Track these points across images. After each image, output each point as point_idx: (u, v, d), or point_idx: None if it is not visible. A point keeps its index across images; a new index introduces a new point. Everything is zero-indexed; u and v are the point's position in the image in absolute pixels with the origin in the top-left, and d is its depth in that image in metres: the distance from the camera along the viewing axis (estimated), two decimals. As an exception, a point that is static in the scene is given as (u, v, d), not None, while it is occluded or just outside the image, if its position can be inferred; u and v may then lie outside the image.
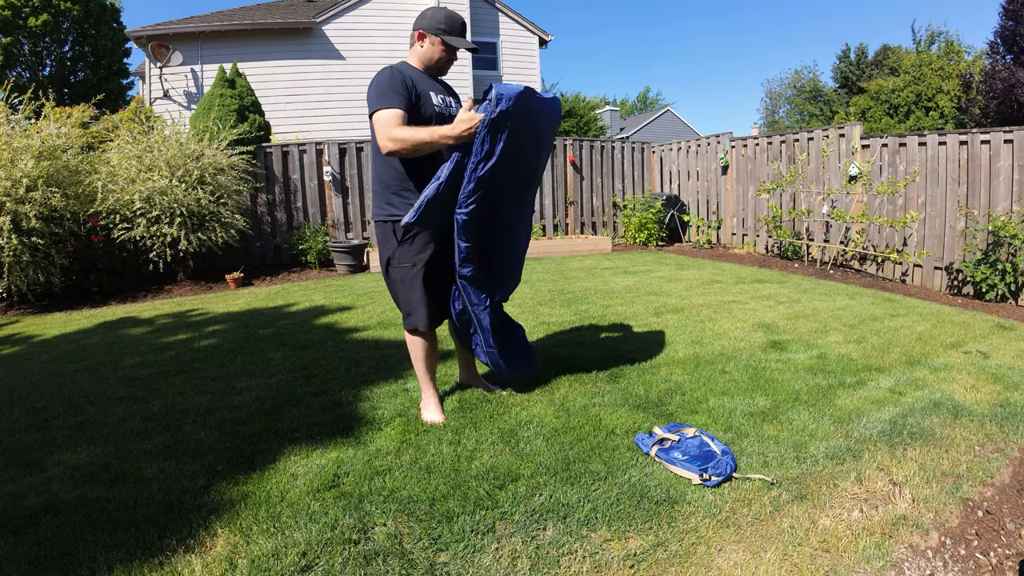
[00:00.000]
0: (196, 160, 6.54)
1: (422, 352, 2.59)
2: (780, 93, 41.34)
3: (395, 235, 2.47)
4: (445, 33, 2.45)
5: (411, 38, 2.52)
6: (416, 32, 2.47)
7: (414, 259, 2.48)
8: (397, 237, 2.47)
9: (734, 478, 2.07)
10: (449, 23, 2.46)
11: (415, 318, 2.52)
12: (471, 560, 1.67)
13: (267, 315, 4.92)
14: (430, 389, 2.64)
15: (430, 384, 2.64)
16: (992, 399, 2.78)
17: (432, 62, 2.49)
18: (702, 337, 3.80)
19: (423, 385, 2.64)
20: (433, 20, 2.45)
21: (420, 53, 2.49)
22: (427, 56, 2.48)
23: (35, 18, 17.03)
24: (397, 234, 2.47)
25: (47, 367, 3.67)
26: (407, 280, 2.49)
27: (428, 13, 2.49)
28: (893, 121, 28.04)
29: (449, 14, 2.48)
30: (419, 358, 2.60)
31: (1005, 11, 19.79)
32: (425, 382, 2.63)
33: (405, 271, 2.49)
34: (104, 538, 1.75)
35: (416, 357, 2.61)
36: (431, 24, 2.45)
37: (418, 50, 2.49)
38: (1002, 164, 5.34)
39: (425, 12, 2.50)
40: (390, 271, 2.54)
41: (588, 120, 24.88)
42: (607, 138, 10.10)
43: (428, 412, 2.60)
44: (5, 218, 5.43)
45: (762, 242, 8.08)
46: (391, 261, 2.52)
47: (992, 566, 1.69)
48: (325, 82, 12.84)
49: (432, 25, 2.44)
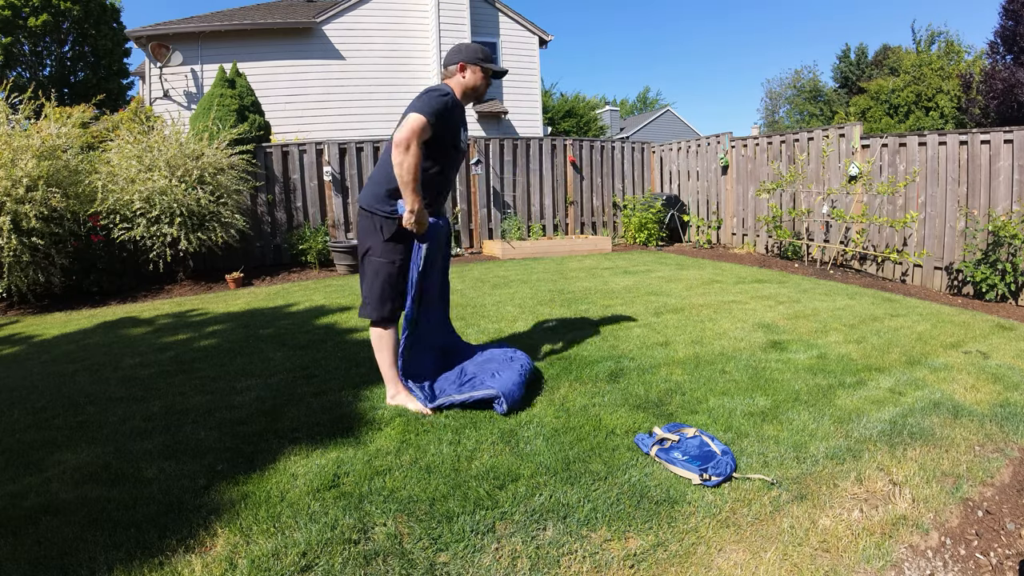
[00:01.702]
0: (196, 160, 6.54)
1: (390, 342, 2.72)
2: (780, 93, 41.37)
3: (381, 231, 2.62)
4: (484, 62, 2.70)
5: (448, 72, 2.71)
6: (457, 64, 2.68)
7: (394, 257, 2.65)
8: (383, 234, 2.62)
9: (734, 478, 2.07)
10: (485, 53, 2.73)
11: (381, 309, 2.68)
12: (471, 560, 1.67)
13: (267, 315, 4.92)
14: (400, 382, 2.73)
15: (398, 377, 2.73)
16: (992, 399, 2.78)
17: (474, 90, 2.72)
18: (702, 337, 3.80)
19: (394, 380, 2.73)
20: (472, 52, 2.69)
21: (463, 83, 2.69)
22: (470, 84, 2.70)
23: (35, 18, 17.04)
24: (384, 232, 2.62)
25: (47, 367, 3.67)
26: (381, 274, 2.66)
27: (463, 48, 2.71)
28: (893, 121, 28.05)
29: (482, 46, 2.76)
30: (388, 349, 2.72)
31: (1005, 11, 19.80)
32: (395, 376, 2.72)
33: (382, 265, 2.65)
34: (104, 538, 1.75)
35: (384, 348, 2.72)
36: (471, 56, 2.68)
37: (460, 80, 2.69)
38: (1002, 164, 5.34)
39: (459, 47, 2.73)
40: (367, 261, 2.69)
41: (588, 120, 24.87)
42: (607, 138, 10.11)
43: (415, 403, 2.68)
44: (5, 218, 5.43)
45: (762, 242, 8.08)
46: (370, 251, 2.67)
47: (992, 566, 1.69)
48: (325, 82, 12.84)
49: (472, 57, 2.68)
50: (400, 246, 2.63)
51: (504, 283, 5.94)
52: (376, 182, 2.65)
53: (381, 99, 12.57)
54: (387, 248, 2.63)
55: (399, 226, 2.59)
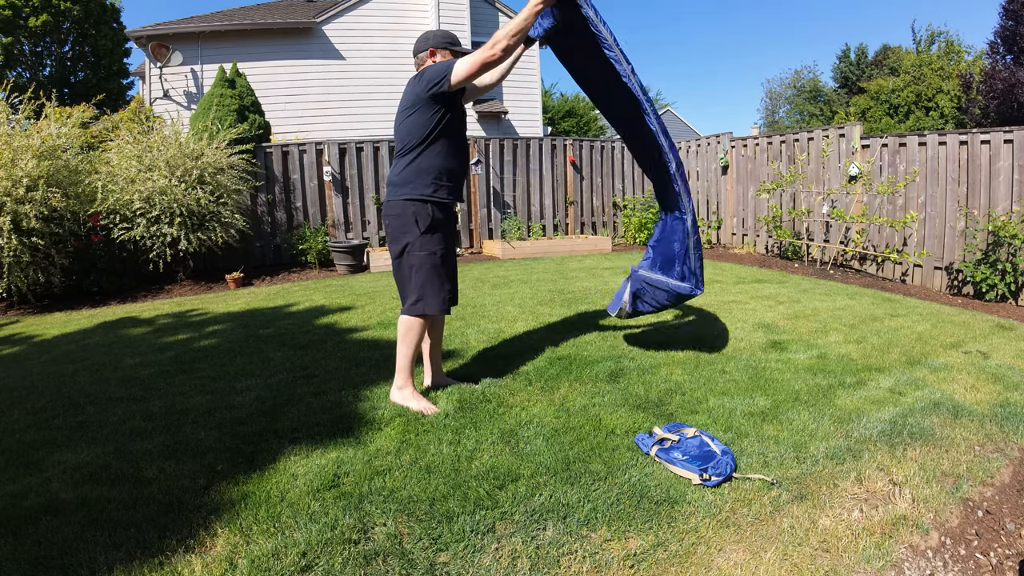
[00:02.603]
0: (196, 160, 6.54)
1: (418, 336, 2.70)
2: (780, 93, 41.34)
3: (416, 224, 2.60)
4: (453, 46, 2.75)
5: (419, 59, 2.75)
6: (427, 51, 2.72)
7: (434, 248, 2.65)
8: (419, 227, 2.60)
9: (734, 478, 2.07)
10: (453, 38, 2.78)
11: (430, 303, 2.65)
12: (471, 560, 1.67)
13: (267, 315, 4.92)
14: (411, 377, 2.73)
15: (411, 372, 2.73)
16: (992, 399, 2.78)
17: None
18: (702, 337, 3.80)
19: (407, 373, 2.71)
20: (440, 37, 2.74)
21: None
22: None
23: (35, 18, 17.04)
24: (420, 223, 2.60)
25: (47, 367, 3.67)
26: (425, 267, 2.63)
27: (430, 34, 2.76)
28: (893, 121, 28.04)
29: (448, 31, 2.80)
30: (413, 343, 2.69)
31: (1005, 11, 19.79)
32: (410, 369, 2.72)
33: (424, 258, 2.62)
34: (104, 538, 1.75)
35: (411, 342, 2.69)
36: (439, 41, 2.73)
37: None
38: (1002, 164, 5.34)
39: (427, 34, 2.81)
40: (406, 256, 2.65)
41: (588, 120, 24.87)
42: (607, 138, 10.09)
43: (419, 402, 2.68)
44: (5, 218, 5.43)
45: (762, 242, 8.08)
46: (409, 247, 2.64)
47: (992, 566, 1.69)
48: (325, 82, 12.84)
49: (441, 42, 2.73)
50: (438, 235, 2.64)
51: (504, 283, 5.94)
52: (398, 179, 2.66)
53: (381, 99, 12.56)
54: (425, 240, 2.62)
55: (434, 213, 2.62)
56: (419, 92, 2.59)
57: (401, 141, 2.69)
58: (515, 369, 3.22)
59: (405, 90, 2.70)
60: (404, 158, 2.67)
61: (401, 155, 2.69)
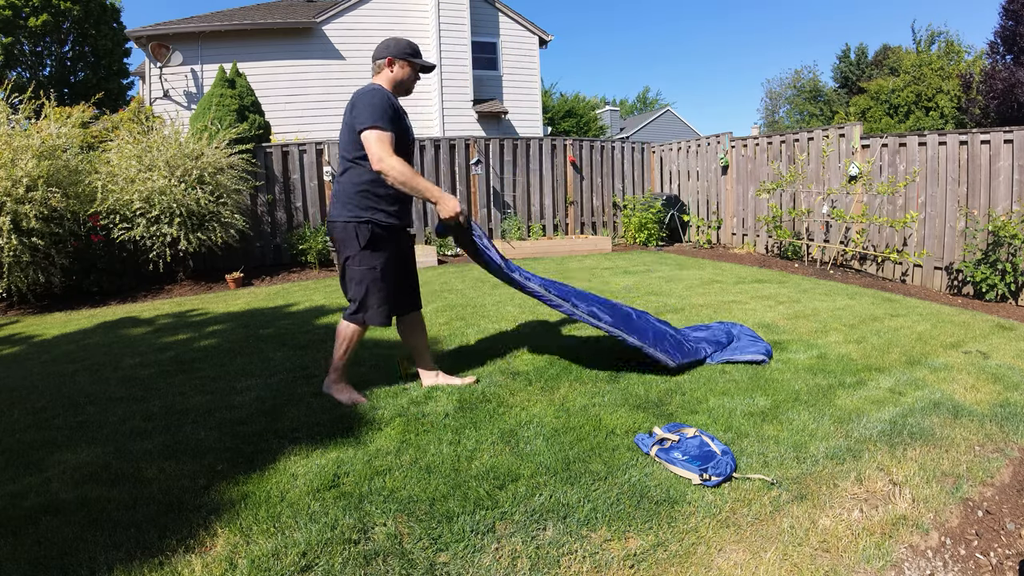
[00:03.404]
0: (195, 160, 6.54)
1: (355, 342, 2.79)
2: (780, 93, 41.35)
3: (357, 239, 2.64)
4: (412, 57, 2.72)
5: (377, 66, 2.73)
6: (385, 59, 2.70)
7: (374, 263, 2.67)
8: (359, 242, 2.64)
9: (734, 478, 2.07)
10: (413, 48, 2.74)
11: (370, 315, 2.72)
12: (471, 560, 1.67)
13: (267, 315, 4.92)
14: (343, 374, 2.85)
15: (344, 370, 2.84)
16: (992, 399, 2.78)
17: (402, 84, 2.74)
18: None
19: (339, 372, 2.83)
20: (399, 47, 2.70)
21: (391, 77, 2.71)
22: (398, 78, 2.72)
23: (35, 18, 17.04)
24: (360, 239, 2.64)
25: (47, 367, 3.67)
26: (365, 280, 2.68)
27: (391, 43, 2.72)
28: (893, 121, 28.04)
29: (410, 41, 2.75)
30: (350, 347, 2.79)
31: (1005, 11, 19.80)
32: (342, 368, 2.83)
33: (364, 272, 2.67)
34: (104, 538, 1.75)
35: (349, 344, 2.78)
36: (399, 51, 2.70)
37: (388, 74, 2.71)
38: (1002, 164, 5.34)
39: (387, 42, 2.73)
40: (348, 267, 2.73)
41: (588, 120, 24.89)
42: (607, 138, 10.11)
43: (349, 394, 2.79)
44: (5, 218, 5.43)
45: (762, 242, 8.08)
46: (350, 260, 2.70)
47: (992, 566, 1.69)
48: (325, 82, 12.84)
49: (400, 52, 2.70)
50: (377, 252, 2.67)
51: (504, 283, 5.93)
52: (342, 195, 2.69)
53: (381, 99, 12.56)
54: (365, 255, 2.66)
55: (372, 231, 2.64)
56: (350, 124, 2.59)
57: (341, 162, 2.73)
58: (515, 369, 3.22)
59: (346, 106, 2.67)
60: (346, 177, 2.69)
61: (343, 176, 2.71)
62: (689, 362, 3.16)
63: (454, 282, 6.17)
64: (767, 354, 3.28)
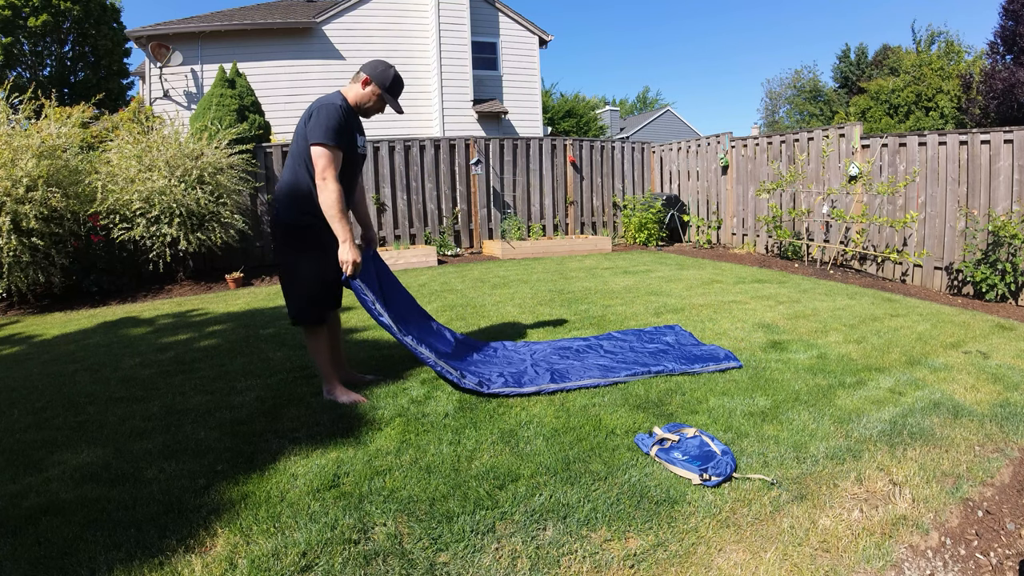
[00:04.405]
0: (195, 160, 6.54)
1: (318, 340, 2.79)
2: (780, 93, 41.35)
3: (292, 242, 2.70)
4: (387, 92, 2.75)
5: (355, 77, 2.76)
6: (364, 76, 2.72)
7: (311, 266, 2.71)
8: (293, 245, 2.70)
9: (734, 478, 2.07)
10: (394, 85, 2.77)
11: (305, 314, 2.76)
12: (471, 560, 1.67)
13: (267, 315, 4.92)
14: (333, 376, 2.85)
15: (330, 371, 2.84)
16: (992, 399, 2.78)
17: (364, 106, 2.77)
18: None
19: (326, 374, 2.84)
20: (383, 77, 2.73)
21: (359, 94, 2.74)
22: (363, 100, 2.75)
23: (35, 18, 17.04)
24: (294, 242, 2.69)
25: (47, 367, 3.67)
26: (296, 282, 2.75)
27: (380, 68, 2.75)
28: (893, 121, 28.04)
29: (398, 77, 2.79)
30: (316, 348, 2.80)
31: (1005, 11, 19.81)
32: (327, 369, 2.83)
33: (296, 274, 2.74)
34: (104, 538, 1.75)
35: (313, 348, 2.81)
36: (380, 79, 2.72)
37: (358, 90, 2.74)
38: (1002, 164, 5.34)
39: (378, 65, 2.76)
40: (282, 269, 2.84)
41: (588, 120, 24.87)
42: (607, 138, 10.10)
43: (352, 394, 2.83)
44: (5, 218, 5.42)
45: (762, 242, 8.08)
46: (285, 262, 2.78)
47: (992, 566, 1.69)
48: (325, 82, 12.82)
49: (380, 80, 2.72)
50: (312, 254, 2.70)
51: (504, 283, 5.94)
52: (282, 196, 2.72)
53: (381, 99, 12.57)
54: (304, 260, 2.71)
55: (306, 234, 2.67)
56: (303, 133, 2.62)
57: (287, 165, 2.76)
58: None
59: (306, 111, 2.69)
60: (287, 179, 2.73)
61: (285, 177, 2.75)
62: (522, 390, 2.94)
63: (454, 282, 6.17)
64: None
